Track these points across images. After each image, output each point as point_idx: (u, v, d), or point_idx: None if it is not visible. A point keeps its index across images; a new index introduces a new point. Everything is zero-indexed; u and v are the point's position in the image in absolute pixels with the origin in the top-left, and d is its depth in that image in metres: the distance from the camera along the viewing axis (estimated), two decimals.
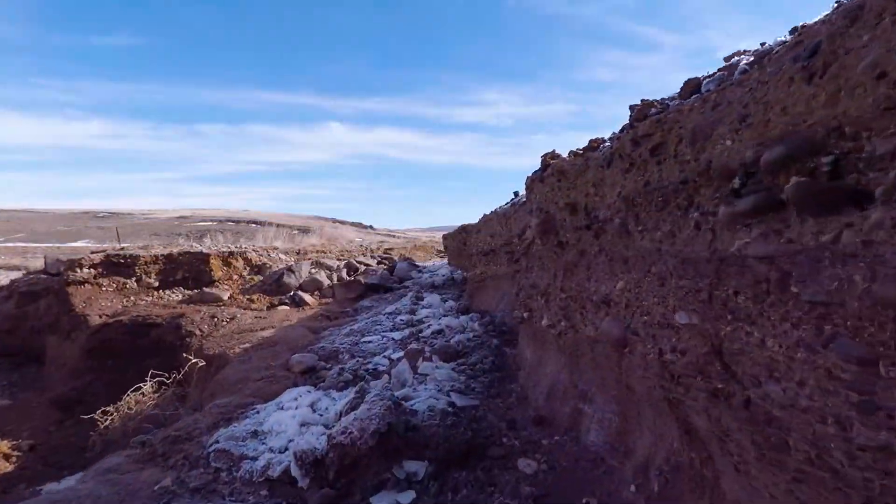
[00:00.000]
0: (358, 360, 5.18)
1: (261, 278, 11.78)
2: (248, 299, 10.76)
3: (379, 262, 16.11)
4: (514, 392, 3.93)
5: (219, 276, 11.62)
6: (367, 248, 22.71)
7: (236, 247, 13.11)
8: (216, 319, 8.67)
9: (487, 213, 8.33)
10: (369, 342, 6.14)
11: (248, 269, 12.16)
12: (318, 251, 17.17)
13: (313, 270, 12.12)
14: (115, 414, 5.30)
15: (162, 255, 11.39)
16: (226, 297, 10.72)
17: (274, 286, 11.28)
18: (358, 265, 13.27)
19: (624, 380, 2.54)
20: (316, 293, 11.49)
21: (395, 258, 18.17)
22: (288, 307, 10.23)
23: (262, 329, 7.86)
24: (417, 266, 18.10)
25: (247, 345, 6.49)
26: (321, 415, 3.33)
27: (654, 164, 1.99)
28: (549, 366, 3.60)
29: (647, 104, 2.08)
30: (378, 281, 12.16)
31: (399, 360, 4.76)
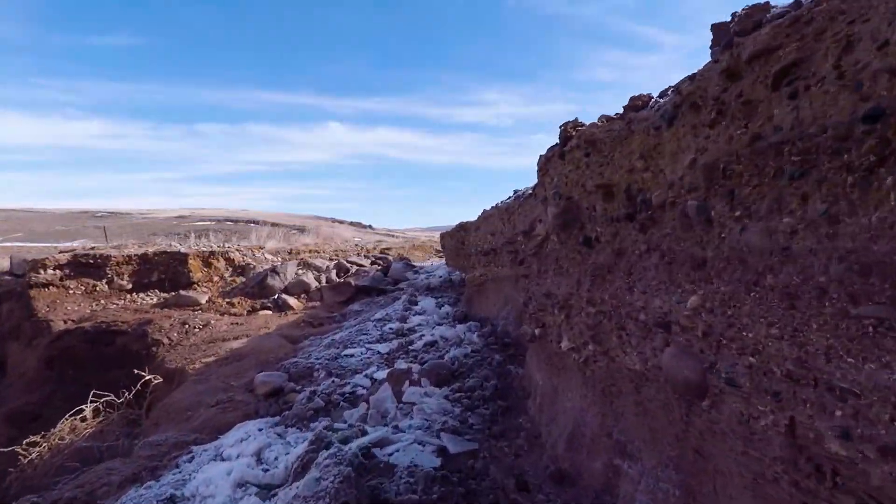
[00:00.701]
0: (334, 381, 4.34)
1: (243, 280, 10.93)
2: (227, 303, 9.91)
3: (373, 263, 15.27)
4: (522, 430, 3.09)
5: (198, 278, 10.77)
6: (362, 248, 21.87)
7: (218, 246, 12.26)
8: (187, 326, 7.82)
9: (487, 208, 7.50)
10: (351, 356, 5.30)
11: (230, 270, 11.31)
12: (311, 251, 16.34)
13: (300, 271, 11.27)
14: (45, 445, 4.47)
15: (136, 256, 10.53)
16: (204, 301, 9.88)
17: (256, 289, 10.43)
18: (349, 266, 12.43)
19: (693, 442, 1.70)
20: (302, 296, 10.65)
21: (391, 258, 17.34)
22: (270, 312, 9.39)
23: (236, 338, 7.02)
24: (414, 266, 17.25)
25: (212, 358, 5.64)
26: (266, 468, 2.50)
27: (782, 102, 1.15)
28: (570, 399, 2.76)
29: (757, 7, 1.25)
30: (370, 283, 11.32)
31: (382, 382, 3.92)
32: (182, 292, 9.98)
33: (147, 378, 5.25)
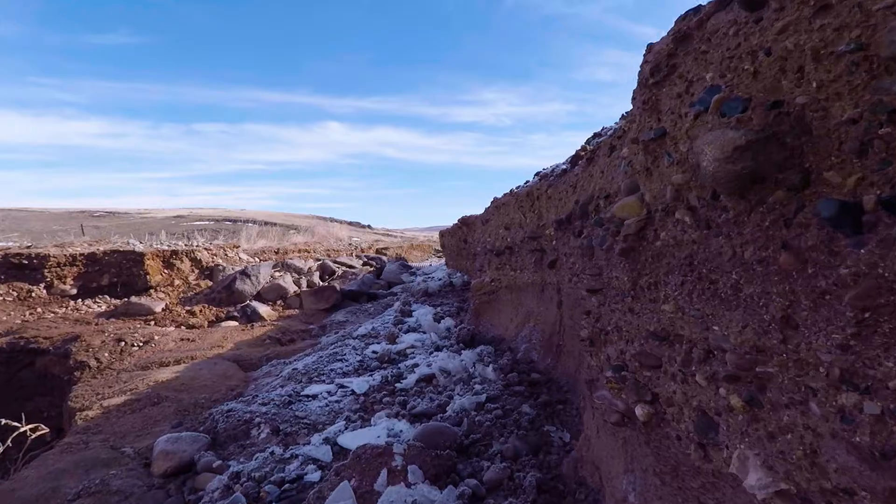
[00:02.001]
0: (273, 454, 2.78)
1: (210, 284, 9.36)
2: (187, 312, 8.34)
3: (365, 264, 13.71)
4: None
5: (157, 282, 9.20)
6: (356, 247, 20.33)
7: (185, 244, 10.69)
8: (123, 344, 6.25)
9: (498, 196, 5.96)
10: (313, 398, 3.74)
11: (196, 272, 9.74)
12: (300, 250, 14.81)
13: (277, 274, 9.71)
14: None
15: (81, 255, 8.95)
16: (159, 310, 8.31)
17: (224, 294, 8.86)
18: (335, 267, 10.85)
19: None
20: (278, 303, 9.08)
21: (386, 259, 15.78)
22: (236, 323, 7.82)
23: (178, 361, 5.45)
24: (410, 267, 15.67)
25: (121, 398, 4.07)
26: None
27: None
28: None
29: None
30: (358, 287, 9.75)
31: (345, 463, 2.36)
32: (133, 299, 8.41)
33: (25, 427, 3.68)
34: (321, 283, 9.99)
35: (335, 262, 13.01)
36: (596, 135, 2.99)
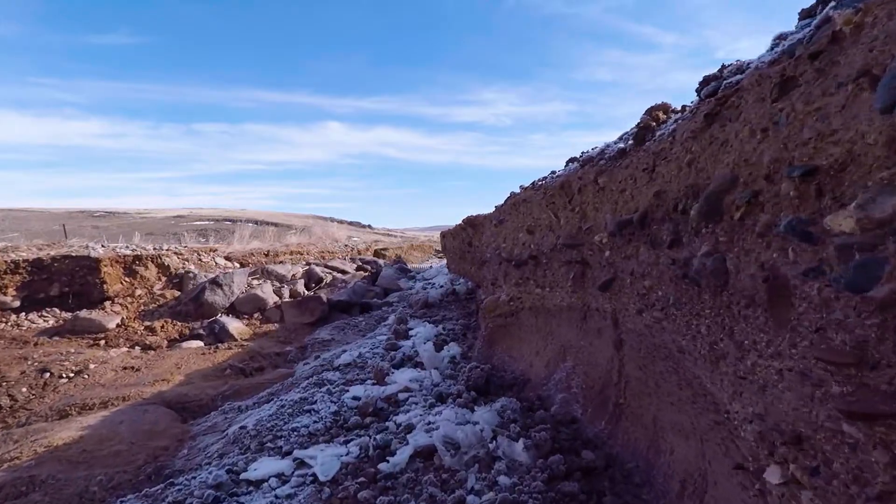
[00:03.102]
0: None
1: (177, 294, 8.13)
2: (146, 328, 7.11)
3: (359, 268, 12.48)
4: None
5: (115, 291, 7.97)
6: (352, 248, 19.09)
7: (154, 248, 9.44)
8: (49, 376, 5.02)
9: (516, 191, 4.73)
10: (255, 488, 2.50)
11: (163, 280, 8.51)
12: (292, 252, 13.59)
13: (256, 282, 8.47)
14: None
15: (25, 261, 7.72)
16: (112, 326, 7.08)
17: (191, 307, 7.63)
18: (323, 274, 9.60)
19: None
20: (256, 316, 7.86)
21: (381, 263, 14.55)
22: (200, 343, 6.58)
23: (105, 404, 4.22)
24: (409, 271, 14.42)
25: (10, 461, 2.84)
26: None
27: None
28: None
29: None
30: (348, 297, 8.51)
31: None
32: (83, 313, 7.17)
33: None
34: (306, 292, 8.75)
35: (326, 266, 11.79)
36: (714, 77, 1.75)
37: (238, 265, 9.52)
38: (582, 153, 3.72)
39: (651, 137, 2.39)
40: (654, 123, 2.51)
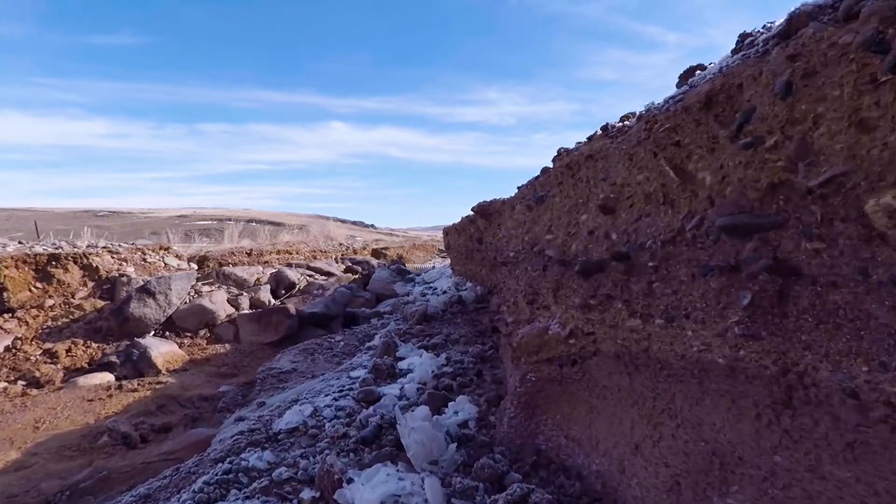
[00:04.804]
0: None
1: (102, 304, 6.29)
2: (44, 353, 5.27)
3: (347, 270, 10.63)
4: None
5: (20, 301, 6.14)
6: (348, 248, 17.24)
7: (89, 246, 7.61)
8: None
9: (568, 146, 2.87)
10: None
11: (89, 285, 6.68)
12: (279, 251, 11.77)
13: (206, 289, 6.62)
14: None
15: None
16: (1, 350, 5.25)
17: (113, 322, 5.79)
18: (296, 278, 7.72)
19: None
20: (202, 334, 6.01)
21: (375, 263, 12.68)
22: (111, 375, 4.74)
23: None
24: (408, 272, 12.50)
25: None
26: None
27: None
28: None
29: None
30: (324, 308, 6.65)
31: None
32: None
33: None
34: (273, 301, 6.89)
35: (309, 268, 9.94)
36: None
37: (192, 266, 7.66)
38: (686, 84, 1.88)
39: None
40: None
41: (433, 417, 2.65)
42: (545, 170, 3.22)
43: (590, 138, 2.68)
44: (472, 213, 5.75)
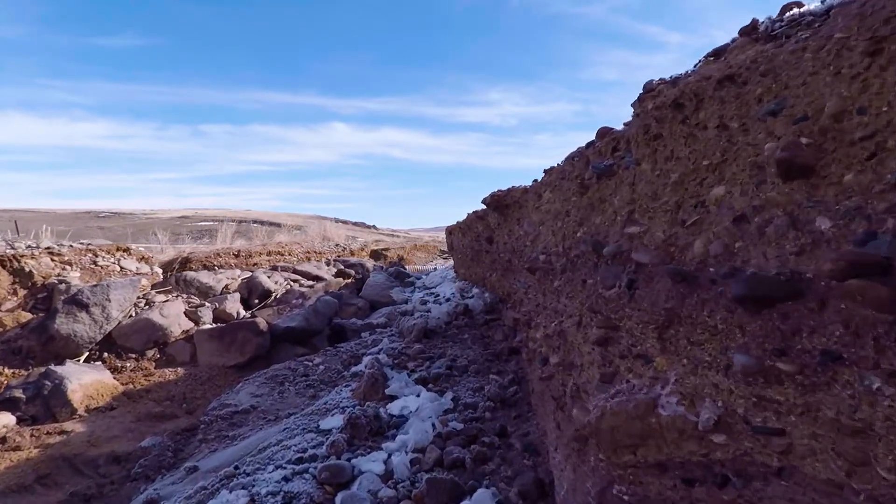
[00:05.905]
0: None
1: (29, 318, 5.15)
2: None
3: (339, 273, 9.46)
4: None
5: None
6: (345, 249, 16.05)
7: (16, 246, 6.45)
8: None
9: (652, 79, 1.71)
10: None
11: (20, 294, 5.54)
12: (269, 252, 10.62)
13: (160, 299, 5.47)
14: None
15: None
16: None
17: (34, 342, 4.64)
18: (273, 285, 6.54)
19: None
20: (150, 355, 4.86)
21: (370, 266, 11.51)
22: (12, 417, 3.59)
23: None
24: (408, 276, 11.31)
25: None
26: None
27: None
28: None
29: None
30: (303, 322, 5.49)
31: None
32: None
33: None
34: (242, 314, 5.74)
35: (296, 271, 8.80)
36: None
37: (150, 269, 6.50)
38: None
39: None
40: None
41: None
42: (603, 132, 2.08)
43: (711, 55, 1.51)
44: (486, 203, 4.59)
